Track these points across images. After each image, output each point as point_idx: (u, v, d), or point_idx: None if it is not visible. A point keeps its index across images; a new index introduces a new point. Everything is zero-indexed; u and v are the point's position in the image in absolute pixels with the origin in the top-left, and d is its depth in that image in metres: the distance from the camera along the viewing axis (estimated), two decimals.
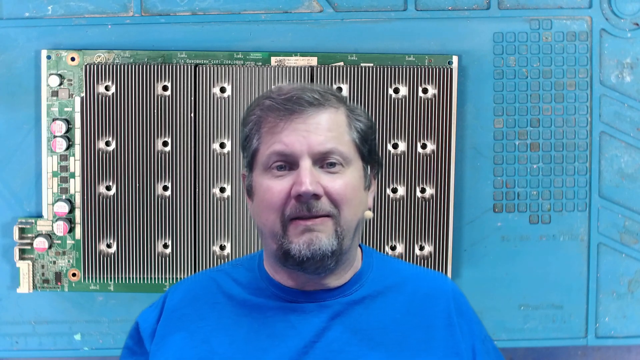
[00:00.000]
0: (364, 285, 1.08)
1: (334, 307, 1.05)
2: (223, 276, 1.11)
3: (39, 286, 1.56)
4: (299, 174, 1.00)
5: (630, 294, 1.58)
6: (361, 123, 1.06)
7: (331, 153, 1.01)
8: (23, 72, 1.55)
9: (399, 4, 1.56)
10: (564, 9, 1.55)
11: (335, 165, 1.01)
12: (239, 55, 1.55)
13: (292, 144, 1.00)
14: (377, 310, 1.06)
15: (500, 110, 1.56)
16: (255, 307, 1.06)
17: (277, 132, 1.01)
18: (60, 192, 1.55)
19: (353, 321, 1.05)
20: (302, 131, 1.01)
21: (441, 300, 1.09)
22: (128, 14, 1.56)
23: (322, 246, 1.00)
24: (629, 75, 1.56)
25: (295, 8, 1.56)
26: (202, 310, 1.08)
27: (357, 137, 1.05)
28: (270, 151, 1.02)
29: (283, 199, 1.00)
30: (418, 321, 1.06)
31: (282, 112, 1.01)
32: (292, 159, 1.01)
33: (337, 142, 1.02)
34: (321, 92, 1.03)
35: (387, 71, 1.52)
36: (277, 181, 1.01)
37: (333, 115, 1.03)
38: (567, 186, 1.57)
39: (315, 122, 1.01)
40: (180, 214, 1.53)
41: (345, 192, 1.01)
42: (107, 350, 1.59)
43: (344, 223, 1.02)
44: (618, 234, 1.57)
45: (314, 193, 0.99)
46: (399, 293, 1.08)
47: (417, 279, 1.11)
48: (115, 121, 1.52)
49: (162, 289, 1.56)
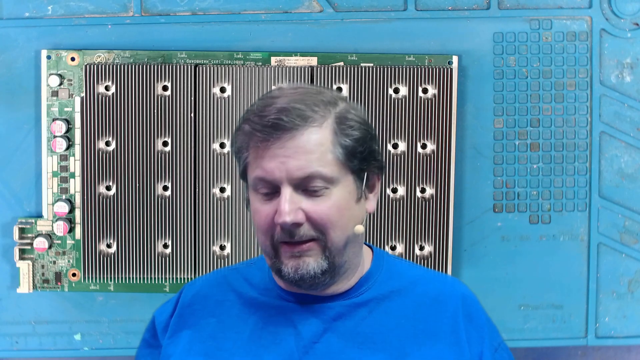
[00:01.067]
0: (371, 288, 1.07)
1: (336, 309, 1.05)
2: (236, 275, 1.12)
3: (39, 286, 1.56)
4: (279, 203, 0.98)
5: (630, 294, 1.58)
6: (349, 138, 1.01)
7: (312, 177, 0.99)
8: (23, 72, 1.55)
9: (399, 4, 1.56)
10: (564, 9, 1.55)
11: (317, 189, 0.99)
12: (239, 55, 1.55)
13: (272, 171, 0.99)
14: (381, 314, 1.06)
15: (500, 110, 1.56)
16: (261, 306, 1.07)
17: (259, 157, 1.00)
18: (60, 192, 1.55)
19: (355, 324, 1.04)
20: (280, 157, 0.98)
21: (449, 305, 1.08)
22: (128, 14, 1.56)
23: (309, 270, 1.00)
24: (629, 75, 1.56)
25: (295, 8, 1.56)
26: (212, 307, 1.09)
27: (343, 153, 1.01)
28: (254, 176, 1.01)
29: (270, 223, 1.00)
30: (423, 326, 1.06)
31: (260, 139, 0.99)
32: (274, 184, 0.99)
33: (318, 163, 0.99)
34: (302, 109, 0.99)
35: (387, 71, 1.52)
36: (264, 205, 1.01)
37: (314, 136, 0.99)
38: (567, 186, 1.57)
39: (294, 147, 0.98)
40: (180, 214, 1.53)
41: (329, 215, 1.00)
42: (107, 350, 1.59)
43: (331, 244, 1.01)
44: (618, 234, 1.57)
45: (293, 222, 0.98)
46: (406, 297, 1.08)
47: (426, 282, 1.10)
48: (115, 121, 1.52)
49: (162, 289, 1.56)
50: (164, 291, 1.57)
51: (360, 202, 1.04)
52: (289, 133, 0.98)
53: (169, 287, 1.56)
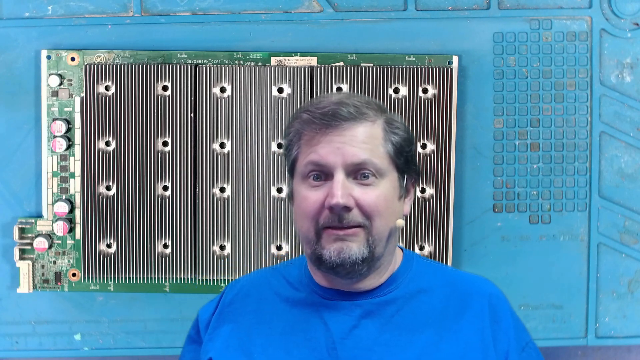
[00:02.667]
0: (399, 287, 1.10)
1: (366, 306, 1.08)
2: (276, 274, 1.17)
3: (39, 286, 1.56)
4: (332, 186, 1.03)
5: (630, 294, 1.58)
6: (397, 136, 1.08)
7: (364, 164, 1.04)
8: (23, 72, 1.55)
9: (399, 4, 1.56)
10: (564, 9, 1.55)
11: (368, 177, 1.05)
12: (239, 55, 1.55)
13: (327, 155, 1.04)
14: (408, 312, 1.09)
15: (500, 110, 1.56)
16: (295, 302, 1.11)
17: (314, 144, 1.05)
18: (60, 192, 1.55)
19: (383, 321, 1.08)
20: (337, 143, 1.04)
21: (476, 305, 1.11)
22: (128, 14, 1.56)
23: (352, 254, 1.04)
24: (629, 75, 1.56)
25: (295, 8, 1.56)
26: (250, 305, 1.14)
27: (392, 150, 1.07)
28: (307, 161, 1.06)
29: (317, 208, 1.04)
30: (449, 325, 1.08)
31: (319, 126, 1.05)
32: (327, 169, 1.05)
33: (371, 154, 1.05)
34: (358, 105, 1.06)
35: (387, 71, 1.52)
36: (313, 191, 1.05)
37: (368, 129, 1.06)
38: (567, 186, 1.57)
39: (351, 135, 1.05)
40: (180, 214, 1.53)
41: (377, 203, 1.04)
42: (107, 350, 1.59)
43: (375, 233, 1.05)
44: (618, 234, 1.57)
45: (344, 205, 1.02)
46: (433, 296, 1.11)
47: (455, 282, 1.13)
48: (115, 121, 1.52)
49: (162, 289, 1.56)
50: (164, 291, 1.57)
51: (400, 200, 1.09)
52: (347, 123, 1.04)
53: (169, 287, 1.56)
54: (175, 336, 1.59)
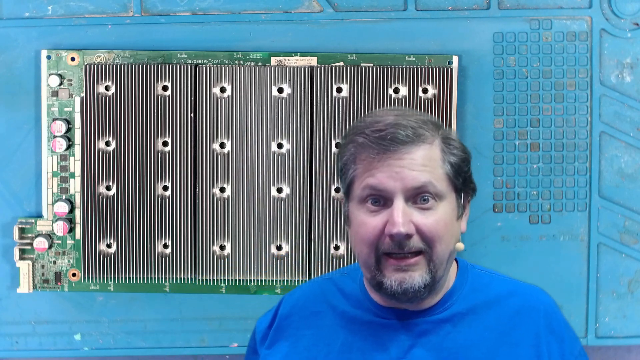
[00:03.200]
0: (455, 304, 1.09)
1: (422, 326, 1.07)
2: (330, 285, 1.15)
3: (39, 286, 1.56)
4: (392, 213, 1.01)
5: (630, 294, 1.58)
6: (455, 156, 1.06)
7: (424, 188, 1.02)
8: (23, 72, 1.55)
9: (399, 4, 1.56)
10: (564, 9, 1.55)
11: (428, 200, 1.02)
12: (239, 55, 1.55)
13: (386, 181, 1.02)
14: (465, 328, 1.08)
15: (500, 110, 1.56)
16: (351, 319, 1.10)
17: (371, 167, 1.03)
18: (60, 192, 1.55)
19: (440, 340, 1.07)
20: (395, 167, 1.01)
21: (531, 317, 1.09)
22: (128, 14, 1.56)
23: (414, 284, 1.02)
24: (629, 75, 1.56)
25: (295, 8, 1.56)
26: (307, 319, 1.13)
27: (451, 171, 1.05)
28: (364, 185, 1.03)
29: (377, 235, 1.02)
30: (505, 339, 1.07)
31: (376, 150, 1.02)
32: (386, 194, 1.02)
33: (431, 176, 1.02)
34: (415, 126, 1.03)
35: (387, 71, 1.52)
36: (372, 217, 1.03)
37: (427, 152, 1.03)
38: (567, 186, 1.57)
39: (410, 158, 1.02)
40: (180, 214, 1.53)
41: (437, 228, 1.02)
42: (107, 350, 1.59)
43: (436, 258, 1.03)
44: (618, 234, 1.57)
45: (406, 233, 1.00)
46: (489, 310, 1.09)
47: (510, 295, 1.12)
48: (115, 121, 1.52)
49: (162, 289, 1.56)
50: (164, 291, 1.57)
51: (458, 221, 1.07)
52: (405, 146, 1.01)
53: (169, 287, 1.56)
54: (175, 336, 1.59)
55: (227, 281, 1.55)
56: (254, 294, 1.57)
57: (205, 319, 1.59)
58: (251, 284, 1.56)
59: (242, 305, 1.58)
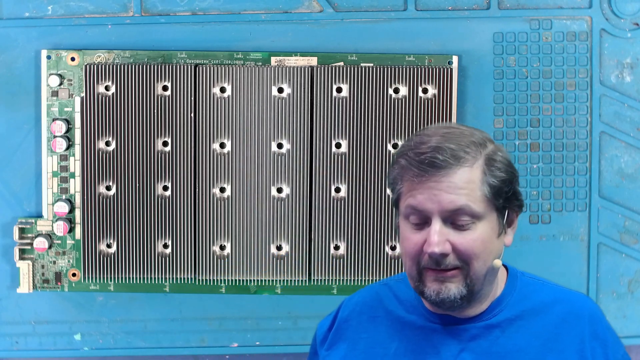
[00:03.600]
0: (503, 310, 1.13)
1: (472, 331, 1.12)
2: (387, 291, 1.20)
3: (39, 286, 1.56)
4: (429, 233, 1.06)
5: (630, 294, 1.58)
6: (496, 178, 1.08)
7: (461, 210, 1.05)
8: (23, 72, 1.56)
9: (399, 4, 1.56)
10: (564, 9, 1.55)
11: (465, 221, 1.06)
12: (239, 55, 1.55)
13: (424, 202, 1.06)
14: (513, 334, 1.12)
15: (500, 110, 1.56)
16: (406, 324, 1.15)
17: (412, 188, 1.07)
18: (60, 192, 1.55)
19: (489, 344, 1.11)
20: (434, 190, 1.06)
21: (576, 324, 1.13)
22: (128, 14, 1.56)
23: (450, 295, 1.07)
24: (629, 75, 1.56)
25: (295, 8, 1.56)
26: (365, 323, 1.18)
27: (490, 192, 1.07)
28: (407, 204, 1.08)
29: (417, 251, 1.07)
30: (552, 346, 1.11)
31: (416, 172, 1.06)
32: (425, 215, 1.06)
33: (468, 199, 1.06)
34: (456, 149, 1.06)
35: (387, 71, 1.52)
36: (414, 233, 1.08)
37: (466, 175, 1.06)
38: (567, 186, 1.57)
39: (447, 182, 1.06)
40: (180, 214, 1.53)
41: (473, 248, 1.07)
42: (107, 350, 1.59)
43: (472, 274, 1.07)
44: (618, 234, 1.57)
45: (441, 253, 1.05)
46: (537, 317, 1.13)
47: (556, 302, 1.15)
48: (115, 121, 1.52)
49: (162, 289, 1.56)
50: (164, 291, 1.57)
51: (500, 237, 1.11)
52: (443, 170, 1.05)
53: (169, 287, 1.56)
54: (175, 336, 1.59)
55: (227, 281, 1.55)
56: (254, 294, 1.57)
57: (205, 319, 1.59)
58: (251, 284, 1.56)
59: (242, 305, 1.58)
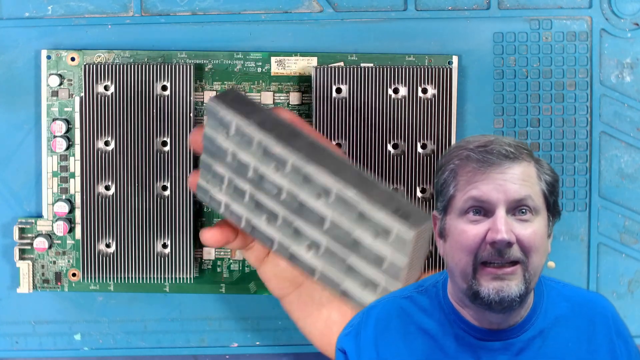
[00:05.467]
0: (538, 319, 1.13)
1: (517, 344, 1.10)
2: (411, 305, 1.16)
3: (39, 286, 1.57)
4: (495, 221, 1.05)
5: (630, 294, 1.58)
6: (548, 176, 1.11)
7: (525, 201, 1.07)
8: (23, 72, 1.56)
9: (399, 4, 1.56)
10: (564, 9, 1.55)
11: (526, 213, 1.07)
12: (239, 55, 1.55)
13: (489, 192, 1.06)
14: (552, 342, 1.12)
15: (500, 110, 1.56)
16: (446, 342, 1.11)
17: (475, 180, 1.07)
18: (60, 192, 1.55)
19: (534, 355, 1.10)
20: (499, 180, 1.06)
21: (605, 324, 1.15)
22: (128, 14, 1.56)
23: (511, 293, 1.05)
24: (629, 75, 1.56)
25: (295, 8, 1.56)
26: (396, 341, 1.14)
27: (546, 189, 1.10)
28: (467, 197, 1.07)
29: (477, 242, 1.06)
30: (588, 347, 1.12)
31: (479, 162, 1.08)
32: (488, 206, 1.06)
33: (530, 190, 1.07)
34: (514, 145, 1.10)
35: (387, 71, 1.52)
36: (472, 226, 1.07)
37: (525, 169, 1.08)
38: (567, 186, 1.57)
39: (511, 173, 1.07)
40: (180, 214, 1.53)
41: (535, 240, 1.07)
42: (107, 350, 1.59)
43: (531, 269, 1.07)
44: (618, 234, 1.57)
45: (508, 241, 1.04)
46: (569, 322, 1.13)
47: (582, 304, 1.16)
48: (114, 121, 1.52)
49: (162, 289, 1.56)
50: (164, 291, 1.57)
51: (548, 240, 1.12)
52: (507, 161, 1.07)
53: (169, 287, 1.57)
54: (175, 336, 1.59)
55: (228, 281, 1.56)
56: (254, 294, 1.57)
57: (205, 319, 1.59)
58: (251, 284, 1.56)
59: (242, 305, 1.58)
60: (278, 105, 1.54)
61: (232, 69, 1.54)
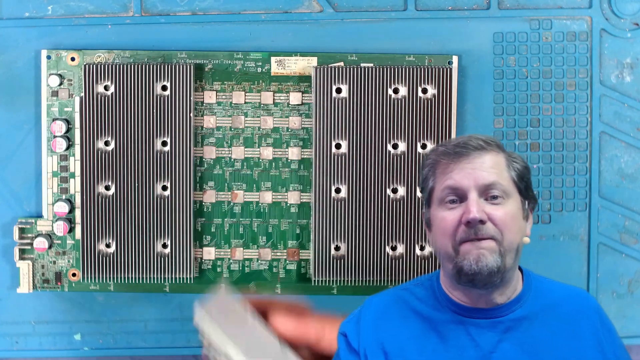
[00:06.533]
0: (526, 303, 1.23)
1: (505, 323, 1.22)
2: (408, 294, 1.29)
3: (39, 286, 1.57)
4: (467, 204, 1.19)
5: (630, 294, 1.58)
6: (518, 165, 1.25)
7: (493, 185, 1.20)
8: (23, 72, 1.56)
9: (399, 4, 1.56)
10: (564, 9, 1.55)
11: (497, 197, 1.20)
12: (239, 55, 1.55)
13: (461, 180, 1.20)
14: (539, 325, 1.23)
15: (500, 110, 1.56)
16: (439, 321, 1.24)
17: (449, 171, 1.22)
18: (60, 192, 1.55)
19: (521, 335, 1.21)
20: (468, 169, 1.21)
21: (590, 315, 1.25)
22: (128, 14, 1.56)
23: (488, 262, 1.18)
24: (629, 75, 1.56)
25: (295, 8, 1.56)
26: (394, 323, 1.26)
27: (515, 175, 1.23)
28: (443, 187, 1.22)
29: (455, 226, 1.20)
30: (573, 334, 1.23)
31: (453, 156, 1.22)
32: (461, 192, 1.20)
33: (498, 177, 1.21)
34: (484, 139, 1.24)
35: (387, 71, 1.52)
36: (450, 212, 1.21)
37: (494, 157, 1.23)
38: (567, 186, 1.57)
39: (480, 162, 1.21)
40: (180, 214, 1.53)
41: (506, 218, 1.20)
42: (107, 350, 1.59)
43: (506, 244, 1.20)
44: (618, 234, 1.57)
45: (480, 219, 1.18)
46: (555, 310, 1.24)
47: (569, 298, 1.27)
48: (114, 121, 1.52)
49: (162, 288, 1.56)
50: (164, 291, 1.57)
51: (524, 220, 1.25)
52: (476, 152, 1.22)
53: (169, 287, 1.56)
54: (175, 336, 1.59)
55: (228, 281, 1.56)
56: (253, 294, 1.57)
57: None
58: (251, 284, 1.56)
59: None
60: (278, 105, 1.54)
61: (232, 69, 1.54)
